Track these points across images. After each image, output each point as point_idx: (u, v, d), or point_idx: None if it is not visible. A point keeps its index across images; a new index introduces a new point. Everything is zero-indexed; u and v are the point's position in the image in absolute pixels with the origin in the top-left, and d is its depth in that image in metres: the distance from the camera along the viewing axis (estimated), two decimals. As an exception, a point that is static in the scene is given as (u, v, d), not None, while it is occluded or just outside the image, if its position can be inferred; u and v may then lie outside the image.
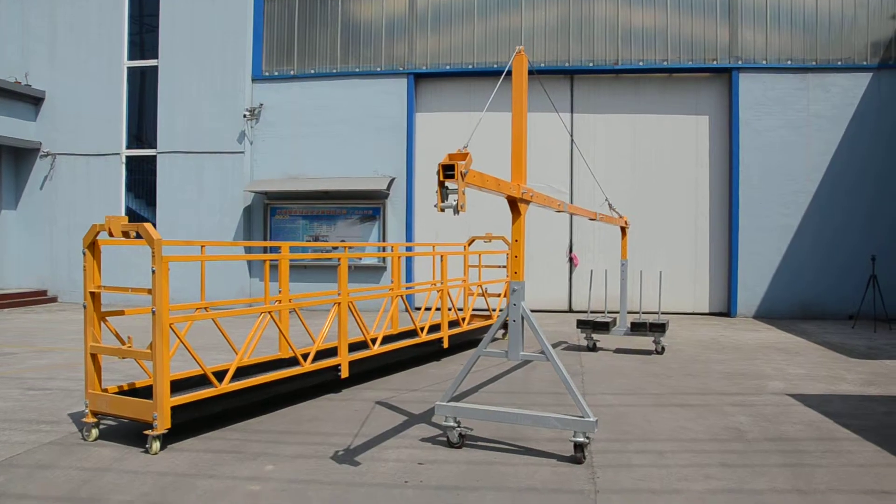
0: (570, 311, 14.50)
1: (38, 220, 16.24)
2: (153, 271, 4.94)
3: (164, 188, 15.68)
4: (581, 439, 4.70)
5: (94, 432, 5.35)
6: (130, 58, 16.09)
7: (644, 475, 4.53)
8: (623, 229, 9.77)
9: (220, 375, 5.69)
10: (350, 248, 13.48)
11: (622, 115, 14.31)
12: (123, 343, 5.48)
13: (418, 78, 14.90)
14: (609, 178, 14.08)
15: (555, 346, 10.08)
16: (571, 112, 14.47)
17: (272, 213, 15.42)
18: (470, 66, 14.53)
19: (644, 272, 13.16)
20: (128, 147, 16.07)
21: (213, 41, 15.41)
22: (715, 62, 13.73)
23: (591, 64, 14.12)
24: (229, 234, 15.27)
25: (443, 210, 3.80)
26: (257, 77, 15.37)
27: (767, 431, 5.56)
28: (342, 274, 6.81)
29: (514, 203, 4.84)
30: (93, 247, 5.35)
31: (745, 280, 13.66)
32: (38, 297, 15.81)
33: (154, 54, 15.85)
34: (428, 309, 8.92)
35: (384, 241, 14.73)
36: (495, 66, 14.39)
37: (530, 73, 5.01)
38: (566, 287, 14.65)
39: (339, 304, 6.83)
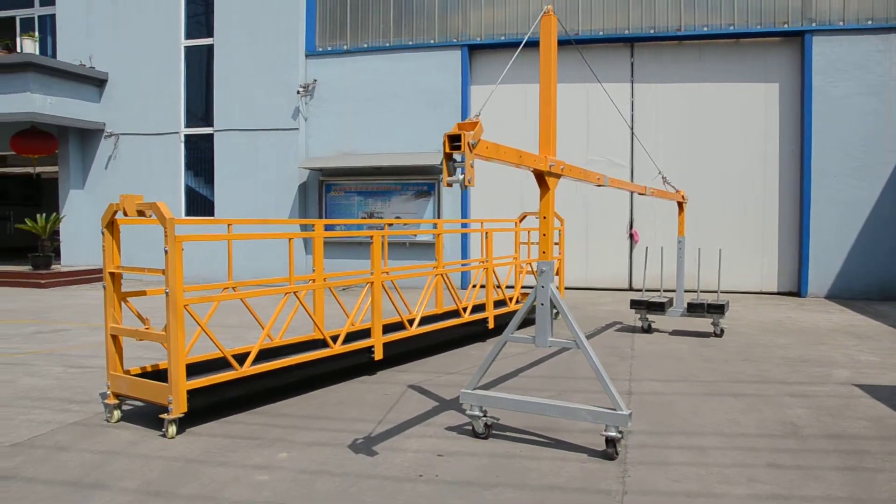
0: (630, 289, 13.95)
1: (103, 199, 16.57)
2: (165, 251, 4.78)
3: (221, 166, 15.79)
4: (613, 434, 4.32)
5: (117, 414, 5.29)
6: (188, 37, 16.20)
7: (681, 475, 4.13)
8: (680, 205, 9.20)
9: (245, 358, 5.54)
10: (390, 224, 13.28)
11: (685, 83, 13.54)
12: (145, 324, 5.39)
13: (473, 50, 14.48)
14: (671, 150, 13.45)
15: (608, 326, 9.64)
16: (632, 82, 13.79)
17: (327, 190, 15.34)
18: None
19: (706, 249, 12.48)
20: (187, 126, 16.23)
21: (266, 17, 15.33)
22: (786, 25, 12.79)
23: (651, 31, 13.39)
24: (285, 212, 15.28)
25: (449, 185, 3.47)
26: (311, 52, 15.23)
27: (827, 427, 5.05)
28: (375, 252, 6.55)
29: (541, 177, 4.46)
30: (111, 226, 5.25)
31: (817, 257, 12.80)
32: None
33: (210, 33, 15.90)
34: (475, 286, 8.62)
35: (439, 217, 14.46)
36: (551, 35, 13.81)
37: (581, 41, 4.58)
38: (626, 264, 14.09)
39: (373, 283, 6.58)
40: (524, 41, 4.89)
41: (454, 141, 3.42)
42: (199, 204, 16.10)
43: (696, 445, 4.67)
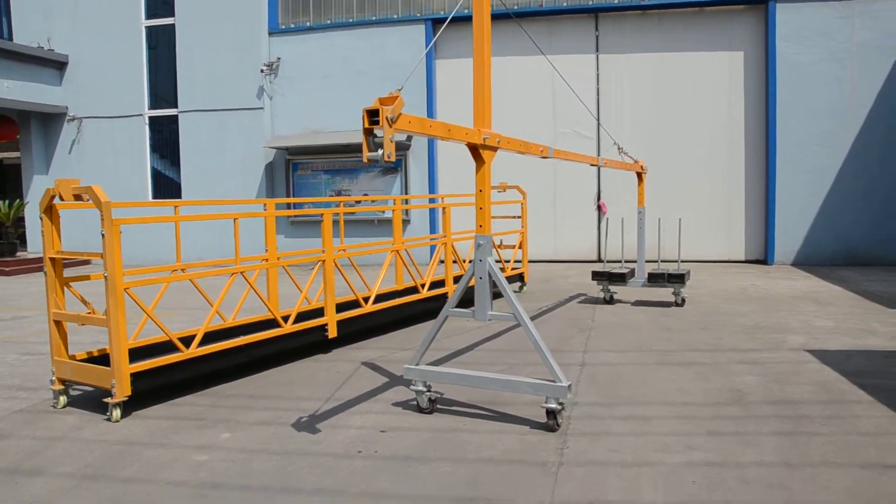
0: (599, 261, 13.99)
1: None
2: (102, 235, 4.72)
3: (186, 147, 15.60)
4: (553, 405, 4.33)
5: (63, 399, 5.24)
6: (149, 17, 15.89)
7: (619, 445, 4.16)
8: (639, 175, 9.20)
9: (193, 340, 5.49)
10: (357, 202, 13.22)
11: (650, 53, 13.49)
12: (92, 309, 5.33)
13: (437, 24, 14.31)
14: (636, 121, 13.48)
15: (572, 298, 9.68)
16: (597, 53, 13.72)
17: (294, 169, 15.22)
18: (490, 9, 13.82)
19: (674, 219, 12.53)
20: (151, 108, 15.98)
21: (227, -5, 15.07)
22: (750, -8, 12.78)
23: (616, 1, 13.30)
24: (252, 192, 15.15)
25: (369, 161, 3.42)
26: (274, 30, 15.02)
27: (772, 394, 5.10)
28: (325, 230, 6.51)
29: (475, 150, 4.42)
30: (50, 211, 5.16)
31: (783, 225, 12.90)
32: (71, 261, 16.02)
33: (171, 12, 15.60)
34: (436, 262, 8.61)
35: (406, 193, 14.40)
36: (516, 7, 13.71)
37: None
38: (594, 236, 14.12)
39: (324, 261, 6.55)
40: (451, 16, 4.82)
41: (373, 116, 3.37)
42: (166, 186, 15.92)
43: (640, 415, 4.70)
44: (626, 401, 5.04)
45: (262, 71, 14.89)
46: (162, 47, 15.87)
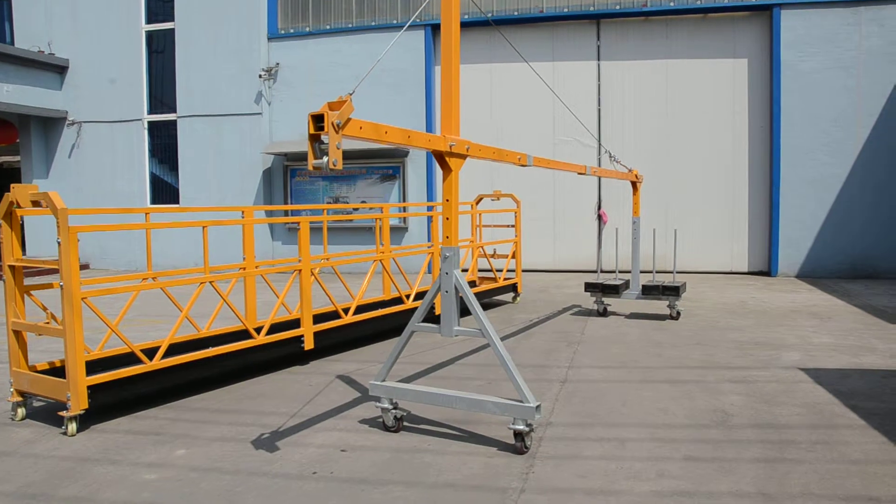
0: (601, 271, 13.71)
1: (67, 188, 16.20)
2: (59, 242, 4.55)
3: (185, 152, 15.47)
4: (521, 427, 4.11)
5: (21, 412, 5.06)
6: (148, 21, 15.81)
7: (588, 470, 3.93)
8: (634, 184, 8.95)
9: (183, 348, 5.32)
10: (329, 210, 13.06)
11: (653, 60, 13.24)
12: (56, 318, 5.17)
13: (436, 30, 14.13)
14: (638, 129, 13.25)
15: (565, 310, 9.44)
16: (598, 59, 13.49)
17: (292, 175, 15.05)
18: (489, 15, 13.68)
19: (678, 230, 12.30)
20: (150, 112, 15.88)
21: (227, 0, 14.95)
22: (754, -1, 12.52)
23: (618, 7, 13.07)
24: (250, 198, 15.00)
25: (315, 168, 3.22)
26: (273, 35, 14.89)
27: (758, 416, 4.84)
28: (302, 239, 6.32)
29: (441, 158, 4.22)
30: (9, 217, 5.00)
31: (788, 236, 12.58)
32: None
33: (171, 16, 15.51)
34: (425, 272, 8.41)
35: (404, 200, 14.21)
36: (516, 13, 13.52)
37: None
38: (595, 246, 13.86)
39: (301, 271, 6.36)
40: (408, 23, 4.63)
41: (319, 121, 3.18)
42: (165, 191, 15.81)
43: (616, 437, 4.47)
44: (603, 421, 4.81)
45: (260, 76, 14.76)
46: (161, 52, 15.79)
